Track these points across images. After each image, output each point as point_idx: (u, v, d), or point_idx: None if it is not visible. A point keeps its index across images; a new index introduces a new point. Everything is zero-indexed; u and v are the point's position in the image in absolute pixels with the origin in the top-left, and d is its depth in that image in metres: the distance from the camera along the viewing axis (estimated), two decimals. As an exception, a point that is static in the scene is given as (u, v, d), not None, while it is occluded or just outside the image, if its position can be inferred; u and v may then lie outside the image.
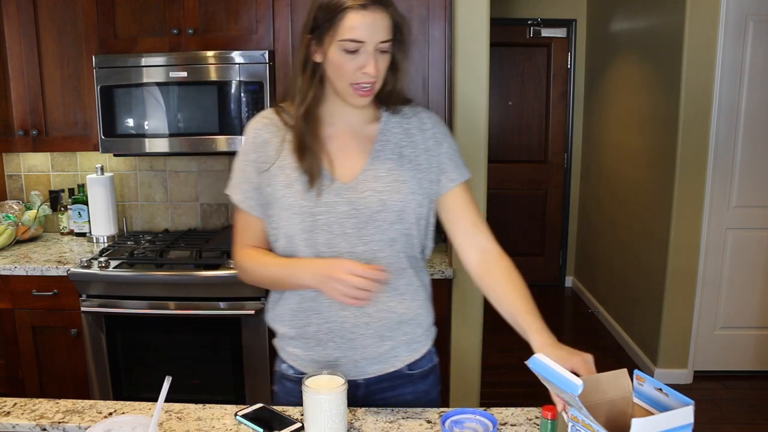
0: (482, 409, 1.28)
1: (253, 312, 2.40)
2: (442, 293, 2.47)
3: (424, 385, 1.46)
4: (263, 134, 1.37)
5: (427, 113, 1.42)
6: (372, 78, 1.26)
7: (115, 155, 2.92)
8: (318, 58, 1.28)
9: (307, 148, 1.31)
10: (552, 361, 1.04)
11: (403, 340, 1.39)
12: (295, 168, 1.32)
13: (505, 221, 5.29)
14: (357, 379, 1.39)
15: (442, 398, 2.60)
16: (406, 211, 1.34)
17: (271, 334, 2.50)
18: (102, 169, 2.87)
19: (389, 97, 1.36)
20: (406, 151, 1.37)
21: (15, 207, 2.91)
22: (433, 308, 1.49)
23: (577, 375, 1.06)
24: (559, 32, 5.06)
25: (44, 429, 1.31)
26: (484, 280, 1.38)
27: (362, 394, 1.42)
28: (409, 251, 1.38)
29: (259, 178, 1.36)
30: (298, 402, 1.39)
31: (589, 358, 1.15)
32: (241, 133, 2.57)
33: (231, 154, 2.94)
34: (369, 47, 1.24)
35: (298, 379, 1.42)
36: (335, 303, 1.32)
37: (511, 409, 1.34)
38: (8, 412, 1.35)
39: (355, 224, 1.31)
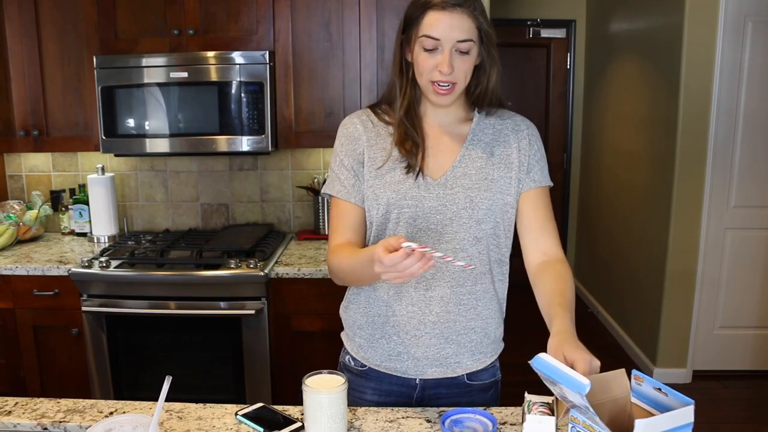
0: (482, 408, 1.29)
1: (253, 312, 2.40)
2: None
3: (482, 398, 1.44)
4: (357, 127, 1.41)
5: (522, 118, 1.43)
6: (446, 77, 1.27)
7: (115, 155, 2.92)
8: (409, 57, 1.33)
9: (410, 141, 1.35)
10: (557, 361, 1.03)
11: (467, 346, 1.40)
12: (385, 162, 1.36)
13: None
14: (414, 378, 1.41)
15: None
16: (494, 210, 1.35)
17: (271, 333, 2.51)
18: (103, 169, 2.87)
19: (480, 99, 1.37)
20: (498, 150, 1.37)
21: (16, 207, 2.91)
22: (503, 321, 1.48)
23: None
24: (559, 33, 5.06)
25: (45, 428, 1.32)
26: (535, 280, 1.36)
27: (417, 397, 1.43)
28: (495, 253, 1.39)
29: (356, 167, 1.39)
30: (359, 393, 1.44)
31: (596, 363, 1.08)
32: (241, 133, 2.58)
33: (231, 154, 2.96)
34: (446, 46, 1.25)
35: (359, 371, 1.46)
36: (405, 296, 1.36)
37: (511, 409, 1.35)
38: (9, 412, 1.35)
39: (440, 220, 1.33)
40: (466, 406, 1.39)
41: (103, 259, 2.49)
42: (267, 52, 2.55)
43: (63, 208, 3.03)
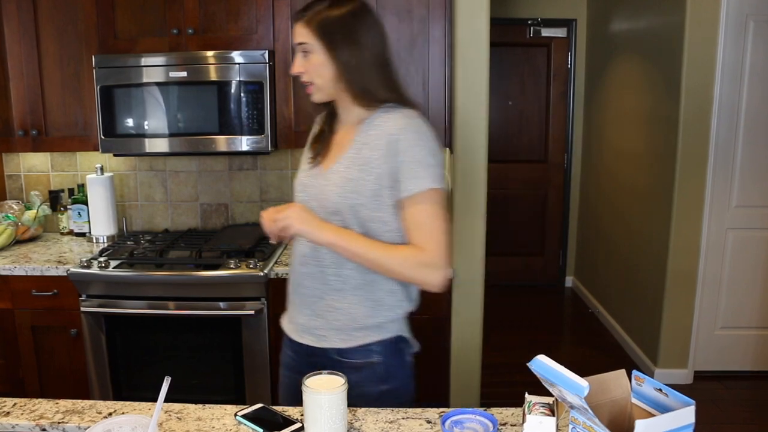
0: (482, 409, 1.28)
1: (253, 312, 2.40)
2: (442, 293, 2.47)
3: (355, 377, 1.45)
4: (315, 123, 1.68)
5: (404, 123, 1.44)
6: (302, 76, 1.49)
7: (114, 155, 2.91)
8: None
9: (318, 136, 1.59)
10: (556, 363, 1.03)
11: (333, 324, 1.51)
12: (305, 152, 1.63)
13: (505, 221, 5.29)
14: (298, 341, 1.59)
15: (442, 397, 2.60)
16: (341, 209, 1.45)
17: (271, 333, 2.50)
18: (102, 169, 2.87)
19: (351, 97, 1.49)
20: (366, 152, 1.45)
21: (15, 207, 2.91)
22: (391, 312, 1.52)
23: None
24: (559, 32, 5.06)
25: (44, 429, 1.31)
26: None
27: (305, 359, 1.57)
28: None
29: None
30: (291, 356, 1.62)
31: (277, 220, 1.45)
32: (240, 133, 2.57)
33: (231, 154, 2.95)
34: (297, 50, 1.48)
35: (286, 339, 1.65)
36: (292, 270, 1.59)
37: (511, 409, 1.34)
38: (8, 413, 1.35)
39: (315, 207, 1.50)
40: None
41: (102, 259, 2.48)
42: (266, 51, 2.54)
43: (62, 208, 3.02)
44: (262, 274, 2.39)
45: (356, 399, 1.38)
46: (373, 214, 1.44)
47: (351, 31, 1.44)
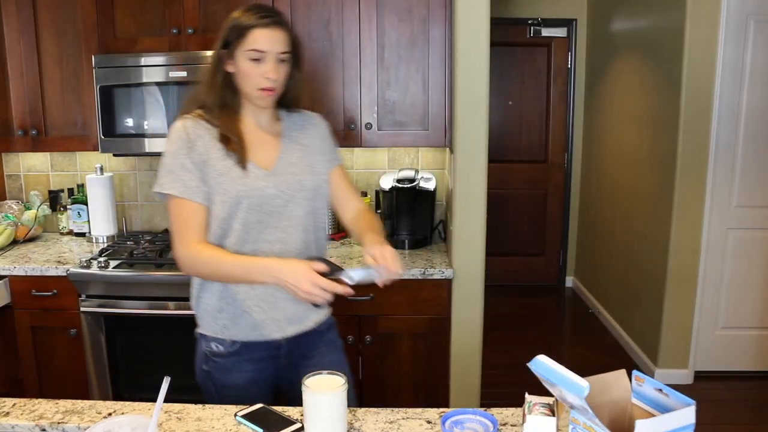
0: (482, 409, 1.28)
1: (252, 312, 2.39)
2: (442, 293, 2.47)
3: (329, 336, 1.73)
4: (196, 130, 1.56)
5: (312, 113, 1.74)
6: (273, 82, 1.54)
7: (114, 155, 2.91)
8: (230, 69, 1.56)
9: (230, 138, 1.56)
10: (556, 363, 1.03)
11: (305, 305, 1.57)
12: (224, 159, 1.55)
13: (505, 221, 5.29)
14: (279, 338, 1.63)
15: (442, 397, 2.60)
16: (317, 189, 1.65)
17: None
18: (101, 169, 2.87)
19: (291, 102, 1.67)
20: (308, 141, 1.68)
21: (14, 207, 2.91)
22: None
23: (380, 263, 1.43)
24: (560, 32, 5.06)
25: (43, 429, 1.31)
26: (353, 222, 1.72)
27: (284, 353, 1.65)
28: (320, 221, 1.70)
29: (198, 169, 1.54)
30: (237, 371, 1.62)
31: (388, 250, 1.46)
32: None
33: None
34: (270, 56, 1.52)
35: (230, 351, 1.62)
36: None
37: (511, 410, 1.34)
38: (7, 413, 1.35)
39: (279, 203, 1.58)
40: (317, 351, 1.67)
41: (101, 259, 2.48)
42: (266, 51, 2.54)
43: (61, 208, 3.02)
44: (262, 274, 2.39)
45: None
46: (327, 186, 1.70)
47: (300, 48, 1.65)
